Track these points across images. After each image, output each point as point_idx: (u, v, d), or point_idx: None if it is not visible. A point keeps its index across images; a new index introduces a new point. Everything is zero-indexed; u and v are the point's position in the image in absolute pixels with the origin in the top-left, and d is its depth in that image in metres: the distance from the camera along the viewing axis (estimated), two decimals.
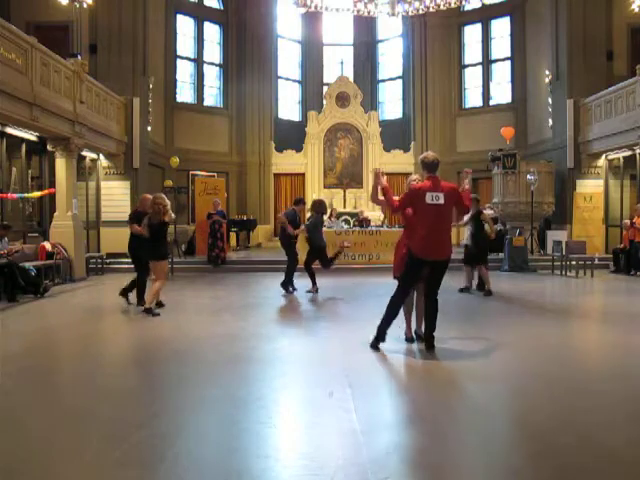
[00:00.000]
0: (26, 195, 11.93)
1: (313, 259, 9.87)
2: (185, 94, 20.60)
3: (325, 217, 12.87)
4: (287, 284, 9.79)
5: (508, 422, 3.80)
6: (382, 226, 16.32)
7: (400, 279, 5.64)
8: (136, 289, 8.36)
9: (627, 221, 13.30)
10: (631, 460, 3.12)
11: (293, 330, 6.95)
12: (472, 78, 21.46)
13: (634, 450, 3.25)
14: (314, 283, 9.71)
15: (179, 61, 20.19)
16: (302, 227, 9.98)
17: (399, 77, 23.12)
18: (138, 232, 7.99)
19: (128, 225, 8.37)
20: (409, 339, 5.83)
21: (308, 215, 11.81)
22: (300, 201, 10.35)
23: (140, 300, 8.25)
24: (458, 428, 3.65)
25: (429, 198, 5.27)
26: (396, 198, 5.69)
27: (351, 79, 22.25)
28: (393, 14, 16.51)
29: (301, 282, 10.18)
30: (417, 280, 5.57)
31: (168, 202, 7.89)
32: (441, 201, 5.29)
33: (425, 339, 5.52)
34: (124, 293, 8.42)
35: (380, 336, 5.50)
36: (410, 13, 16.46)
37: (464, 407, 4.03)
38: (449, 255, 5.49)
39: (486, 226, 9.76)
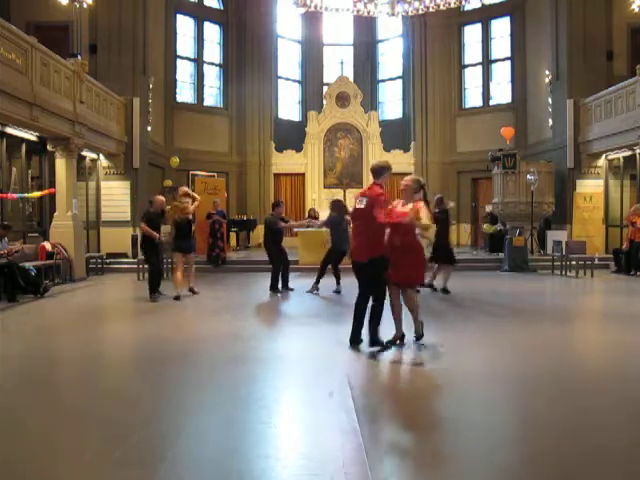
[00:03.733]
0: (26, 195, 11.93)
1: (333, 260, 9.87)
2: (185, 94, 20.58)
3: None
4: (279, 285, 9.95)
5: (508, 422, 3.79)
6: None
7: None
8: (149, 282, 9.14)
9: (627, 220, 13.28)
10: (632, 461, 3.12)
11: (293, 330, 6.94)
12: (472, 78, 21.44)
13: (635, 450, 3.25)
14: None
15: (179, 61, 20.17)
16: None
17: (399, 77, 23.10)
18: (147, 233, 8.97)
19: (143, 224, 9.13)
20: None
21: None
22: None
23: (154, 292, 9.00)
24: (458, 428, 3.65)
25: (357, 202, 5.54)
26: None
27: (351, 79, 22.22)
28: (393, 14, 16.49)
29: (298, 282, 10.17)
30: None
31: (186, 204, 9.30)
32: (362, 205, 5.46)
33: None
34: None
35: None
36: (410, 13, 16.44)
37: (464, 407, 4.03)
38: (364, 259, 5.43)
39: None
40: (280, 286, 9.88)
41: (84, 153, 13.77)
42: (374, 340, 5.48)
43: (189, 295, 9.34)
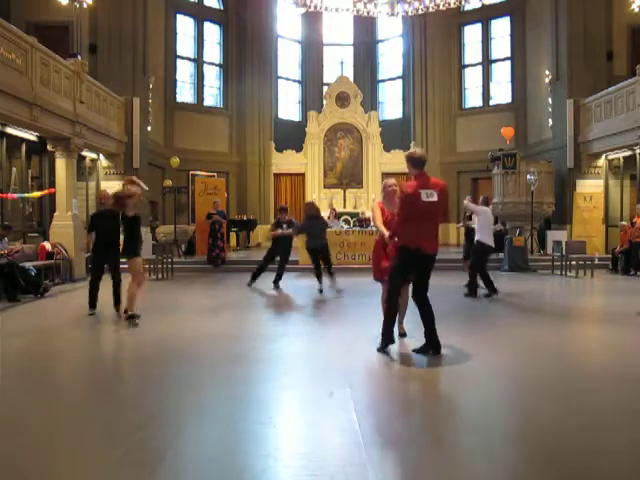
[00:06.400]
0: (26, 195, 11.93)
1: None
2: (185, 94, 20.61)
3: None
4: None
5: (509, 422, 3.79)
6: None
7: (390, 279, 5.50)
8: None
9: (624, 223, 13.29)
10: (632, 461, 3.12)
11: (293, 330, 6.94)
12: (472, 78, 21.47)
13: (635, 450, 3.25)
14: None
15: (179, 61, 20.20)
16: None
17: (399, 77, 23.13)
18: None
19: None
20: (401, 334, 5.89)
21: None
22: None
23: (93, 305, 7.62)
24: (458, 428, 3.65)
25: (424, 196, 5.20)
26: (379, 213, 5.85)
27: (351, 79, 22.26)
28: (392, 14, 16.52)
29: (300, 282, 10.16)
30: (406, 277, 5.49)
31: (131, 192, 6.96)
32: (435, 198, 5.23)
33: (430, 344, 5.33)
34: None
35: (387, 339, 5.40)
36: (410, 13, 16.46)
37: (464, 407, 4.03)
38: (437, 249, 5.44)
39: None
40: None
41: (84, 153, 13.77)
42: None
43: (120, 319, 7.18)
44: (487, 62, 21.04)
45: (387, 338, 5.40)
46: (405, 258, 5.33)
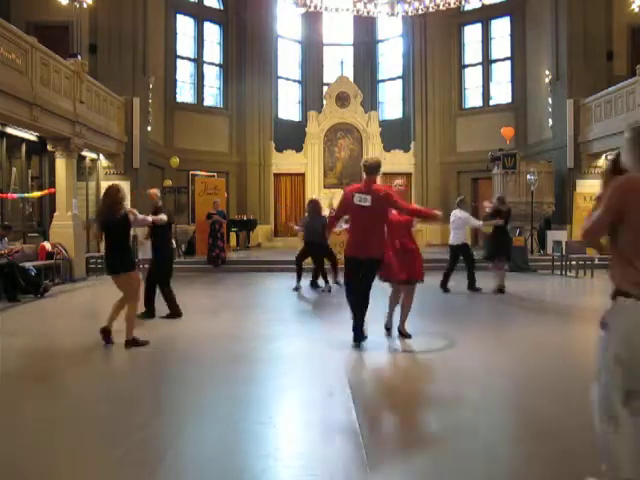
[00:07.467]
0: (26, 195, 11.93)
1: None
2: (185, 94, 20.59)
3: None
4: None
5: (509, 422, 3.80)
6: None
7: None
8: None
9: None
10: None
11: (293, 330, 6.94)
12: (472, 78, 21.45)
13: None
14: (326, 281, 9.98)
15: (179, 61, 20.19)
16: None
17: (399, 77, 23.11)
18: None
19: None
20: (403, 335, 5.96)
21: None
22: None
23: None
24: (458, 428, 3.64)
25: (357, 199, 5.44)
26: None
27: (351, 79, 22.23)
28: (392, 14, 16.52)
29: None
30: (354, 277, 5.60)
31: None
32: (368, 203, 5.41)
33: (354, 332, 5.60)
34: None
35: (357, 336, 5.60)
36: (410, 13, 16.46)
37: (464, 407, 4.03)
38: (375, 255, 5.49)
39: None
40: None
41: (84, 153, 13.76)
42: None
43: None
44: (487, 62, 21.02)
45: (356, 335, 5.57)
46: (345, 262, 5.65)
